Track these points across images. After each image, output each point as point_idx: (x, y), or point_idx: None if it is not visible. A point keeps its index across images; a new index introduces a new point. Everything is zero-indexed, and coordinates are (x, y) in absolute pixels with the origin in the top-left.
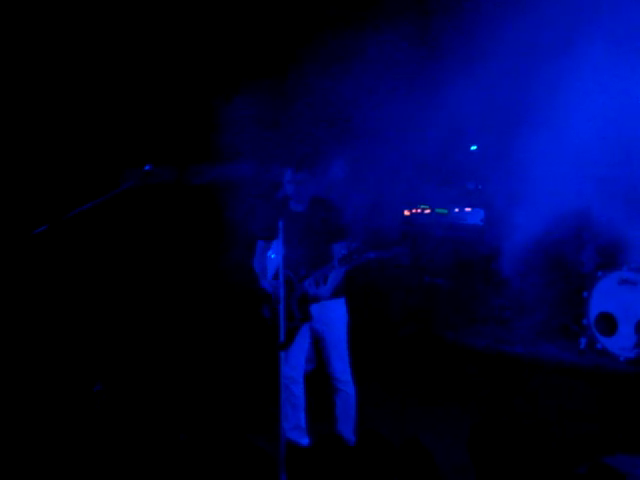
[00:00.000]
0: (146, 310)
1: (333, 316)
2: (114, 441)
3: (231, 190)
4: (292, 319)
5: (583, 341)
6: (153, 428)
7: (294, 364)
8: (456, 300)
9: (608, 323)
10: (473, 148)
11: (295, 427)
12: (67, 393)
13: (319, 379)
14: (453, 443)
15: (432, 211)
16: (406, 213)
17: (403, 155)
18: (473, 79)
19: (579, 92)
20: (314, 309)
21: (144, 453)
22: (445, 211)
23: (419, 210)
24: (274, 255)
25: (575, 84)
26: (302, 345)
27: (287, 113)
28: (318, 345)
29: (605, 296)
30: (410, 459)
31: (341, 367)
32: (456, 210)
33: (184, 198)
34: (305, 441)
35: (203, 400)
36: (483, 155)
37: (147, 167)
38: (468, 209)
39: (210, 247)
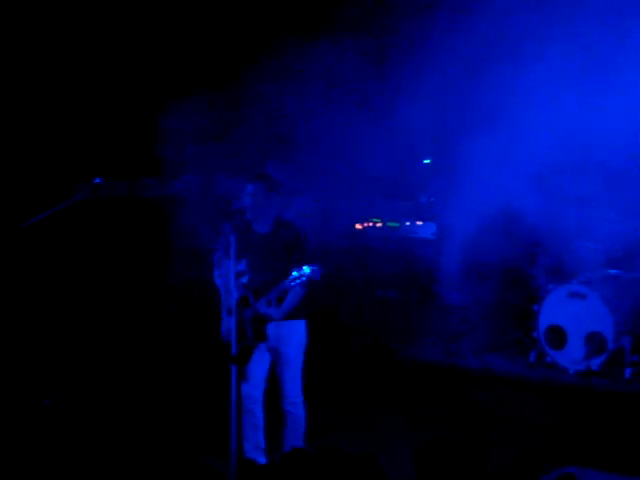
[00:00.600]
0: (95, 323)
1: (289, 337)
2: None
3: (181, 204)
4: (245, 338)
5: (533, 354)
6: (102, 442)
7: (254, 384)
8: (408, 313)
9: (558, 336)
10: (426, 162)
11: (255, 447)
12: (16, 405)
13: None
14: (405, 458)
15: (384, 225)
16: (358, 227)
17: (354, 169)
18: (425, 92)
19: (530, 104)
20: (270, 329)
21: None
22: (397, 224)
23: (371, 224)
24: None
25: (526, 96)
26: (262, 364)
27: (236, 126)
28: (272, 365)
29: (555, 309)
30: (364, 475)
31: (293, 389)
32: (407, 224)
33: (134, 211)
34: (263, 461)
35: (153, 418)
36: (435, 169)
37: (97, 180)
38: (419, 223)
39: (159, 261)
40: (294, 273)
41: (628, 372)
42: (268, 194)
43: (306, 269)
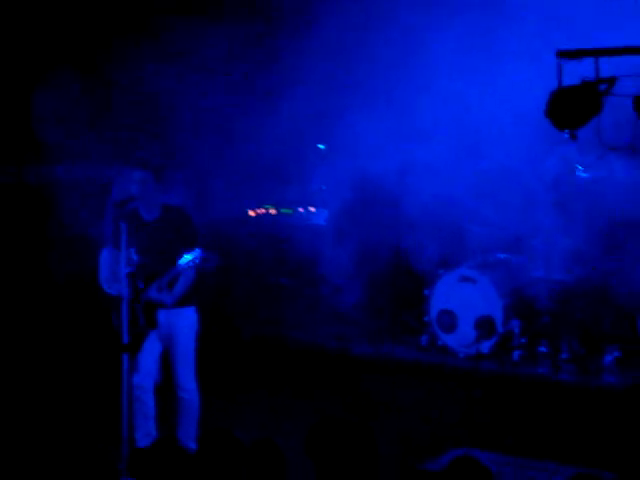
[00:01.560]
0: None
1: (180, 324)
2: None
3: (67, 191)
4: (137, 325)
5: (425, 338)
6: None
7: (145, 372)
8: (300, 300)
9: (449, 320)
10: (320, 147)
11: (146, 435)
12: None
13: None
14: (300, 443)
15: (277, 211)
16: (251, 214)
17: (247, 155)
18: (316, 76)
19: (422, 88)
20: (161, 316)
21: None
22: (290, 211)
23: (264, 210)
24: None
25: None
26: (152, 353)
27: (115, 111)
28: (165, 353)
29: (446, 293)
30: (261, 460)
31: (186, 376)
32: (301, 210)
33: (20, 198)
34: None
35: (45, 407)
36: (329, 154)
37: None
38: (313, 209)
39: (43, 249)
40: (184, 257)
41: (516, 355)
42: (155, 180)
43: (196, 253)
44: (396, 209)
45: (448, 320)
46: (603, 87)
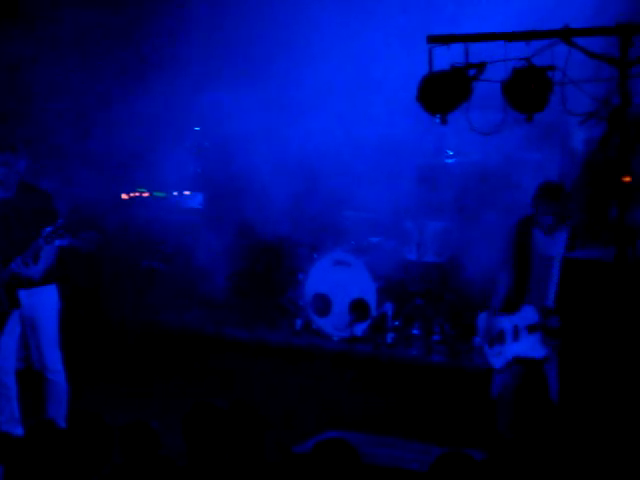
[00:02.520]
0: None
1: (43, 303)
2: None
3: None
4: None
5: (299, 322)
6: None
7: (5, 355)
8: (174, 283)
9: (323, 304)
10: (196, 129)
11: (10, 419)
12: None
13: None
14: (174, 426)
15: (150, 195)
16: (124, 197)
17: (119, 138)
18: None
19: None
20: (23, 296)
21: None
22: (163, 194)
23: (137, 194)
24: None
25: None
26: (13, 334)
27: None
28: (28, 333)
29: (320, 277)
30: (134, 441)
31: (51, 356)
32: (175, 194)
33: None
34: (19, 431)
35: None
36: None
37: None
38: (187, 193)
39: None
40: (46, 232)
41: (390, 337)
42: (15, 162)
43: (57, 229)
44: (270, 194)
45: (322, 304)
46: (472, 72)
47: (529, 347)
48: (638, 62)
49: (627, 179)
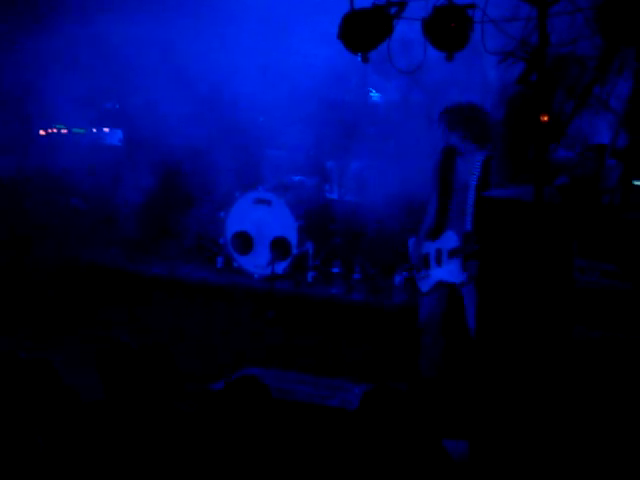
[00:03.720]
0: None
1: None
2: None
3: None
4: None
5: (220, 260)
6: None
7: None
8: (94, 221)
9: (244, 242)
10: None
11: None
12: None
13: None
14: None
15: (69, 131)
16: (41, 133)
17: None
18: None
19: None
20: None
21: None
22: (82, 131)
23: (55, 130)
24: None
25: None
26: None
27: None
28: None
29: (241, 216)
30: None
31: None
32: (94, 130)
33: None
34: None
35: None
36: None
37: None
38: (106, 129)
39: None
40: None
41: (310, 276)
42: None
43: None
44: (189, 131)
45: (243, 242)
46: (394, 10)
47: (450, 272)
48: (557, 1)
49: (545, 118)
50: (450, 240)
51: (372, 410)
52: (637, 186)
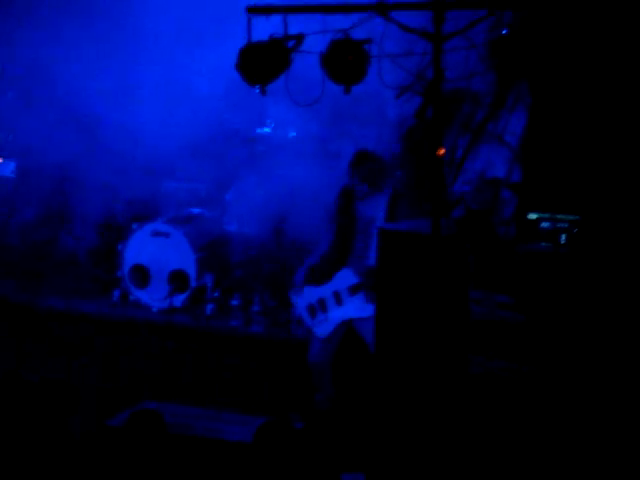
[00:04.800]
0: None
1: None
2: None
3: None
4: None
5: (116, 293)
6: None
7: None
8: None
9: (142, 275)
10: None
11: None
12: None
13: None
14: None
15: None
16: None
17: None
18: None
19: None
20: None
21: None
22: None
23: None
24: None
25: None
26: None
27: None
28: None
29: (139, 248)
30: None
31: None
32: None
33: None
34: None
35: None
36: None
37: None
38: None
39: None
40: None
41: (209, 308)
42: None
43: None
44: (87, 163)
45: (141, 275)
46: (291, 44)
47: (355, 308)
48: (451, 37)
49: (441, 152)
50: (348, 278)
51: (266, 444)
52: (531, 219)
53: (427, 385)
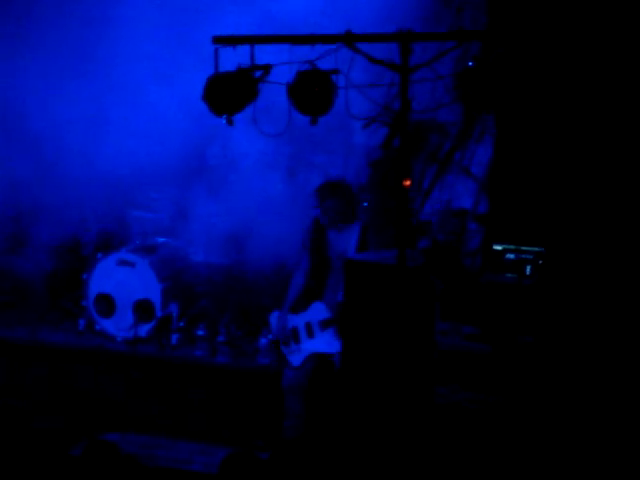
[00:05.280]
0: None
1: None
2: None
3: None
4: None
5: (82, 322)
6: None
7: None
8: None
9: (107, 304)
10: None
11: None
12: None
13: None
14: None
15: None
16: None
17: None
18: None
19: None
20: None
21: None
22: None
23: None
24: None
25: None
26: None
27: None
28: None
29: (104, 277)
30: None
31: None
32: None
33: None
34: None
35: None
36: None
37: None
38: None
39: None
40: None
41: (175, 338)
42: None
43: None
44: (52, 190)
45: (106, 304)
46: (259, 74)
47: (324, 342)
48: (418, 68)
49: (407, 183)
50: (320, 311)
51: (231, 476)
52: (497, 250)
53: (393, 415)
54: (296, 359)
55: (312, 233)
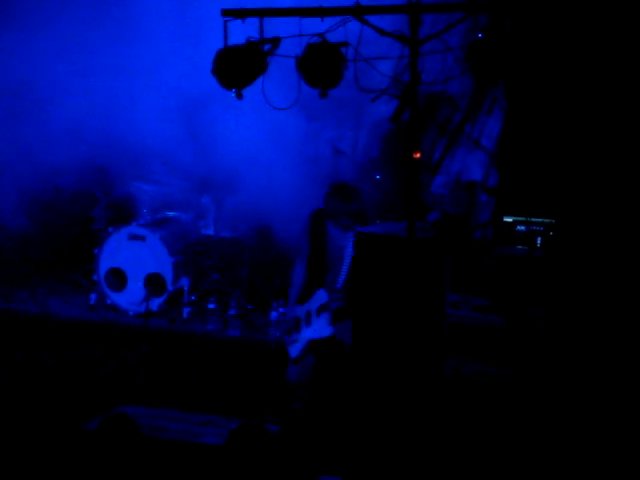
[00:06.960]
0: None
1: None
2: None
3: None
4: None
5: (93, 297)
6: None
7: None
8: None
9: (118, 278)
10: None
11: None
12: None
13: None
14: None
15: None
16: None
17: None
18: None
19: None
20: None
21: None
22: None
23: None
24: None
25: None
26: None
27: None
28: None
29: (115, 252)
30: None
31: None
32: None
33: None
34: None
35: None
36: None
37: None
38: None
39: None
40: None
41: (186, 312)
42: None
43: None
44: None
45: (117, 279)
46: (267, 47)
47: (318, 328)
48: (427, 40)
49: (417, 155)
50: (321, 299)
51: (238, 447)
52: (507, 222)
53: (403, 387)
54: (294, 349)
55: (312, 224)
